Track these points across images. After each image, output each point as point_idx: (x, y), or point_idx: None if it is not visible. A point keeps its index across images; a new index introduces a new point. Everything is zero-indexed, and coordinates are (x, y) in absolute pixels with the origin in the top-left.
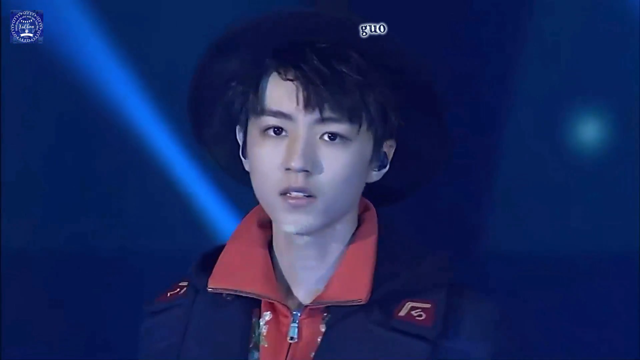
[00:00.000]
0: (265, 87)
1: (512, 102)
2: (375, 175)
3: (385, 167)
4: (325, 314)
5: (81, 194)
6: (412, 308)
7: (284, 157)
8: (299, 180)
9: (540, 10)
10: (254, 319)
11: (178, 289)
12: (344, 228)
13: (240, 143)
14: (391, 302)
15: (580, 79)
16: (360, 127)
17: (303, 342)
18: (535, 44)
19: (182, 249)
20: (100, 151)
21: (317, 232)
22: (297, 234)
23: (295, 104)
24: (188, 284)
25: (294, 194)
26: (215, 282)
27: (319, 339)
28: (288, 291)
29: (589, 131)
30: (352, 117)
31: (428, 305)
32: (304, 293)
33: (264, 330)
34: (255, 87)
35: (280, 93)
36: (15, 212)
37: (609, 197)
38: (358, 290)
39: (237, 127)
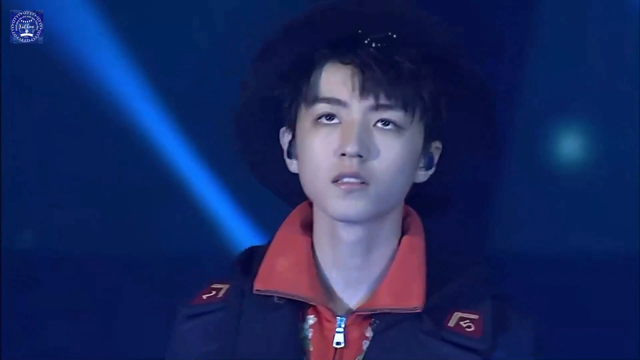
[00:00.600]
0: (319, 76)
1: (512, 103)
2: (422, 176)
3: (431, 168)
4: (372, 319)
5: (81, 195)
6: (461, 319)
7: (338, 143)
8: (353, 165)
9: (540, 11)
10: (298, 323)
11: (214, 292)
12: (390, 228)
13: (286, 146)
14: (441, 312)
15: (580, 80)
16: (413, 116)
17: (349, 347)
18: (535, 45)
19: (186, 252)
20: (101, 151)
21: (365, 227)
22: (348, 221)
23: (350, 90)
24: (229, 287)
25: (346, 179)
26: (262, 284)
27: (364, 343)
28: (331, 294)
29: (590, 132)
30: (406, 105)
31: (476, 317)
32: (347, 297)
33: (308, 333)
34: (307, 77)
35: (335, 80)
36: (15, 212)
37: (610, 198)
38: (412, 298)
39: (282, 130)
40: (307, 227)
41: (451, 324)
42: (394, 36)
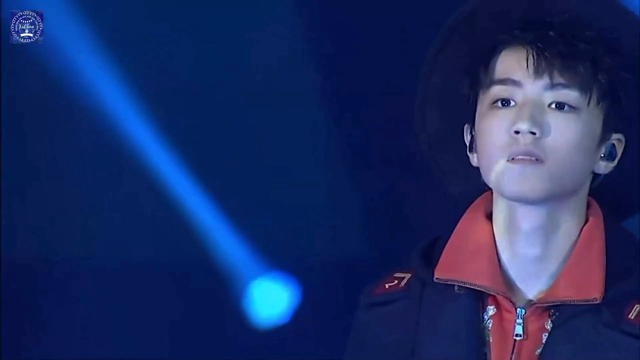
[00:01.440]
0: (495, 61)
1: None
2: (603, 167)
3: (613, 160)
4: (551, 311)
5: (81, 197)
6: None
7: (512, 121)
8: (526, 142)
9: None
10: (479, 313)
11: (396, 281)
12: (570, 217)
13: (468, 140)
14: (621, 303)
15: None
16: (590, 98)
17: (528, 339)
18: None
19: (176, 258)
20: (100, 151)
21: (543, 212)
22: (524, 201)
23: (524, 70)
24: (410, 276)
25: (520, 157)
26: (442, 273)
27: (544, 336)
28: (510, 285)
29: None
30: (582, 85)
31: None
32: (526, 287)
33: (488, 324)
34: (485, 64)
35: (510, 62)
36: (14, 213)
37: None
38: (591, 289)
39: (465, 127)
40: (490, 216)
41: (632, 315)
42: (571, 18)
